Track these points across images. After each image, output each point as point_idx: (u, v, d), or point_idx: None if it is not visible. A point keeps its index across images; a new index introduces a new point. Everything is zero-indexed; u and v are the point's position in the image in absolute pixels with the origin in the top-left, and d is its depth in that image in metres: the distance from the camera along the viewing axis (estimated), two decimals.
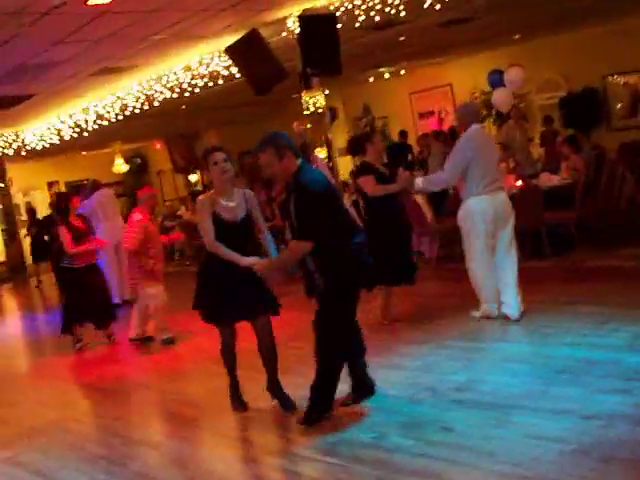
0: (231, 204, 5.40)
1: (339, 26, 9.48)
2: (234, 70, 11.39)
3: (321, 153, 11.12)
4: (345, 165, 11.30)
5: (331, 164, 11.02)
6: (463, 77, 17.30)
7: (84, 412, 6.92)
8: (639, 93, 14.92)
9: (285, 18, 10.21)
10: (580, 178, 9.88)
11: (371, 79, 17.86)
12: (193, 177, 21.47)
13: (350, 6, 9.59)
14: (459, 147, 6.94)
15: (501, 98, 10.04)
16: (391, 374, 5.97)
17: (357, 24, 9.83)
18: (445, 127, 17.59)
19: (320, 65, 9.71)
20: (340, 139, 15.33)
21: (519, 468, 4.02)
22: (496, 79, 10.26)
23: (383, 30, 11.65)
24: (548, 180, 10.00)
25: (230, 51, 10.23)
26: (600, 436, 4.25)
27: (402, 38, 13.21)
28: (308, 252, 4.94)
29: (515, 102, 16.32)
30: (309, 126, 11.09)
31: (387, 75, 17.49)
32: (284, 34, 10.31)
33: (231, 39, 10.26)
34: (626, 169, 10.15)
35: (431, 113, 18.28)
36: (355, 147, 7.73)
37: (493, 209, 6.86)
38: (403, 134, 16.71)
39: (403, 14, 9.51)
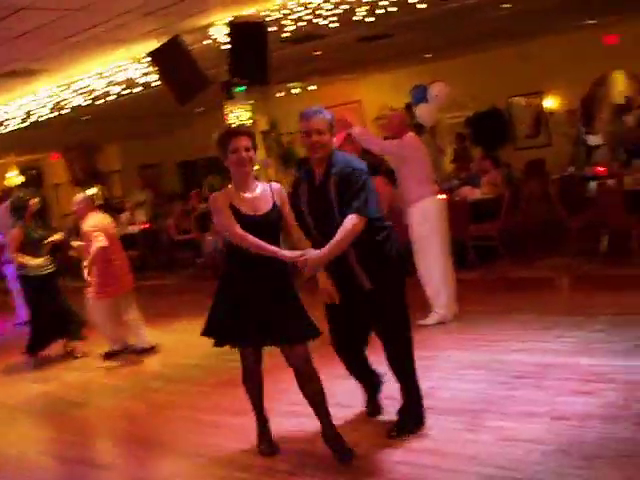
0: (250, 196, 4.47)
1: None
2: (152, 78, 11.12)
3: None
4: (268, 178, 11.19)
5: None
6: (373, 94, 17.47)
7: (21, 437, 6.22)
8: (541, 114, 15.44)
9: (209, 25, 10.03)
10: (500, 192, 10.12)
11: (280, 94, 17.79)
12: (92, 190, 20.79)
13: (279, 16, 9.49)
14: (397, 144, 6.99)
15: (425, 113, 10.16)
16: (346, 385, 5.85)
17: (286, 34, 9.71)
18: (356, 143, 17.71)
19: (248, 74, 9.56)
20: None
21: (505, 470, 3.99)
22: (419, 94, 10.38)
23: (302, 43, 11.62)
24: (471, 194, 10.18)
25: (153, 57, 9.95)
26: (576, 436, 4.28)
27: (318, 53, 13.24)
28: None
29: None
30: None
31: (296, 90, 17.45)
32: (208, 42, 10.14)
33: (152, 45, 9.98)
34: (536, 185, 10.53)
35: (339, 130, 18.31)
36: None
37: (445, 210, 6.99)
38: None
39: (334, 25, 9.43)
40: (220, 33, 9.97)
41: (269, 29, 9.60)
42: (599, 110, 14.79)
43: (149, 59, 10.13)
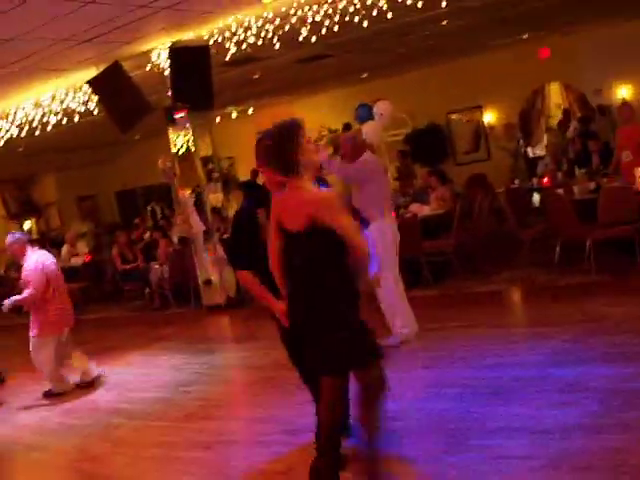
0: None
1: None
2: (91, 106, 10.89)
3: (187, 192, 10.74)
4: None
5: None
6: (310, 115, 17.40)
7: None
8: (480, 129, 15.63)
9: (150, 51, 9.87)
10: (449, 207, 10.14)
11: (218, 119, 17.65)
12: (27, 224, 20.27)
13: (220, 39, 9.37)
14: (359, 167, 6.91)
15: (371, 131, 10.12)
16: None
17: (225, 57, 9.59)
18: None
19: (191, 99, 9.42)
20: None
21: None
22: (365, 113, 10.35)
23: (241, 66, 11.51)
24: (419, 210, 10.17)
25: (93, 84, 9.73)
26: (563, 449, 4.21)
27: (257, 76, 13.16)
28: None
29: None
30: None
31: (234, 114, 17.34)
32: (149, 67, 9.97)
33: (91, 73, 9.77)
34: (484, 199, 10.60)
35: None
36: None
37: (397, 233, 6.95)
38: (254, 173, 16.56)
39: (276, 47, 9.37)
40: (161, 58, 9.84)
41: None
42: (537, 123, 15.09)
43: (88, 87, 9.92)
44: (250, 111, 17.26)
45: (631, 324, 6.32)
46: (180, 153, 10.46)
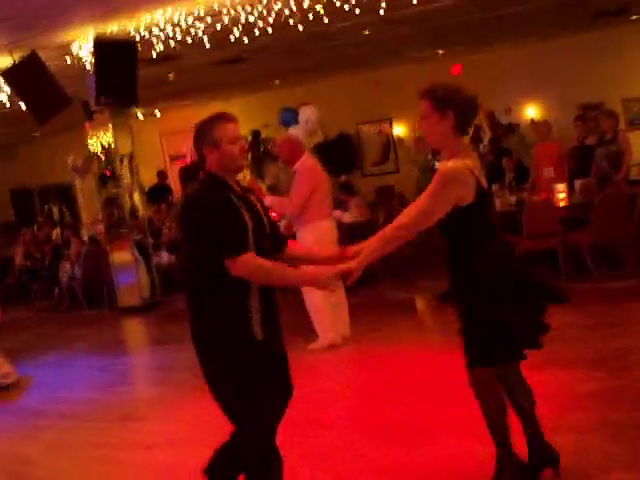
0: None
1: None
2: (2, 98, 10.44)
3: None
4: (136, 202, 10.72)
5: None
6: None
7: None
8: (389, 141, 15.88)
9: (71, 42, 9.55)
10: (370, 216, 10.24)
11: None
12: None
13: (147, 35, 9.17)
14: (303, 179, 6.88)
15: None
16: None
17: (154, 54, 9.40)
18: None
19: (115, 94, 9.17)
20: None
21: None
22: (289, 117, 10.35)
23: (157, 65, 11.29)
24: (342, 217, 10.21)
25: (7, 75, 9.32)
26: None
27: (171, 75, 12.94)
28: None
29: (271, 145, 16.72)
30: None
31: (140, 116, 16.96)
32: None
33: (6, 61, 9.36)
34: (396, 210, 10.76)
35: (183, 156, 17.99)
36: (190, 175, 7.37)
37: (336, 233, 6.96)
38: (161, 175, 16.29)
39: (208, 46, 9.24)
40: (82, 50, 9.54)
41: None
42: None
43: (3, 79, 9.51)
44: (157, 113, 16.94)
45: (560, 331, 6.52)
46: (99, 151, 10.16)
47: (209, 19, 8.76)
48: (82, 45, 9.46)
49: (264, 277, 3.41)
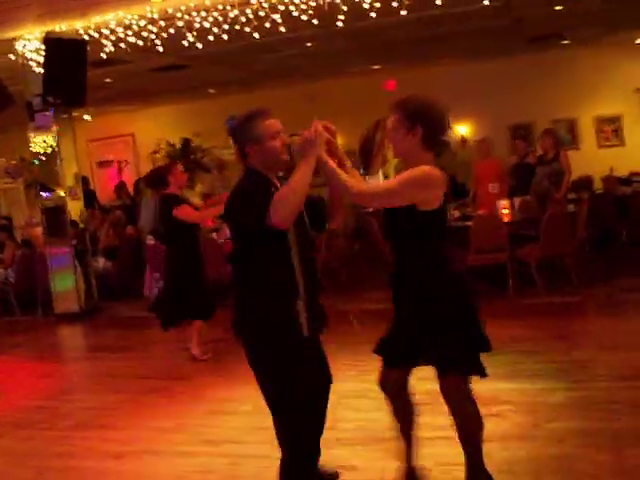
0: None
1: None
2: None
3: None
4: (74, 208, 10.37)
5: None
6: (147, 127, 17.05)
7: None
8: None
9: (14, 39, 9.25)
10: None
11: None
12: None
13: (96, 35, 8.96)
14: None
15: None
16: (228, 420, 5.57)
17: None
18: (125, 177, 17.17)
19: (63, 95, 8.91)
20: None
21: None
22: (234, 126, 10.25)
23: (96, 68, 11.03)
24: None
25: None
26: (508, 456, 4.36)
27: (108, 80, 12.68)
28: None
29: (199, 155, 16.57)
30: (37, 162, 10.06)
31: (89, 117, 16.54)
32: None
33: None
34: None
35: (110, 162, 17.67)
36: (156, 180, 7.23)
37: None
38: (85, 181, 15.89)
39: (160, 49, 9.10)
40: (27, 49, 9.26)
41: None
42: (377, 153, 15.58)
43: None
44: (88, 118, 16.53)
45: (519, 344, 6.70)
46: (42, 152, 9.83)
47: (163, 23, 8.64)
48: (27, 43, 9.17)
49: (295, 196, 3.37)
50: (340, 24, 8.73)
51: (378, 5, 8.49)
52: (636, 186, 11.44)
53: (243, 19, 8.55)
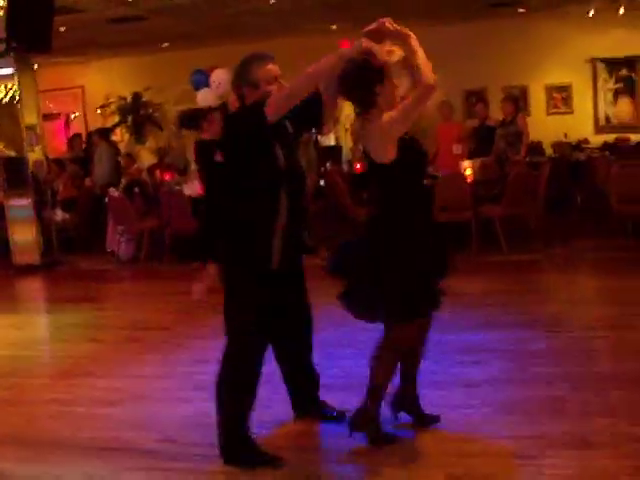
0: None
1: None
2: None
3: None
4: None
5: None
6: (97, 80, 16.71)
7: None
8: None
9: None
10: None
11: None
12: None
13: None
14: None
15: (205, 99, 9.97)
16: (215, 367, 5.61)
17: None
18: (73, 131, 16.82)
19: (28, 39, 8.70)
20: None
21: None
22: (201, 80, 10.18)
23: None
24: None
25: None
26: (497, 399, 4.56)
27: (63, 29, 12.37)
28: None
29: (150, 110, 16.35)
30: None
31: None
32: None
33: None
34: None
35: (57, 115, 17.25)
36: (191, 120, 7.07)
37: None
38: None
39: None
40: None
41: None
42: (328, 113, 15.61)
43: None
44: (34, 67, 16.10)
45: (491, 298, 6.94)
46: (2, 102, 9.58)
47: None
48: None
49: (299, 89, 3.57)
50: None
51: None
52: (589, 152, 11.78)
53: None
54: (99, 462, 4.14)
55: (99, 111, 16.30)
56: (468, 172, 9.16)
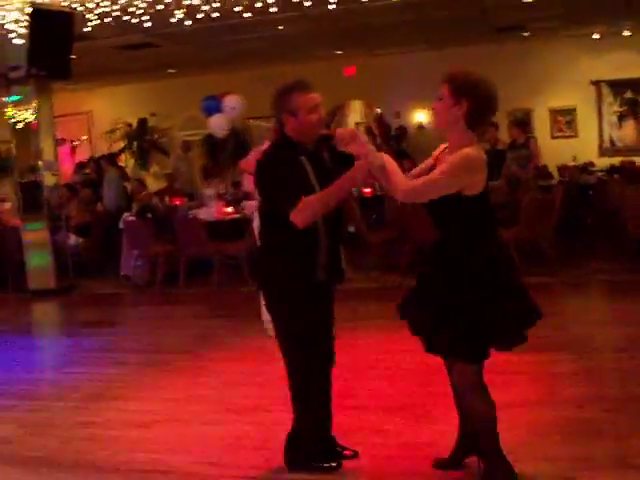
0: None
1: None
2: None
3: None
4: None
5: None
6: (105, 106, 16.85)
7: None
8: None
9: None
10: None
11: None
12: None
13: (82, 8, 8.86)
14: None
15: (218, 125, 10.07)
16: (245, 390, 5.66)
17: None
18: (78, 157, 16.94)
19: (48, 66, 8.80)
20: None
21: None
22: (212, 105, 10.28)
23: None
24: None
25: None
26: (529, 421, 4.59)
27: (73, 56, 12.48)
28: None
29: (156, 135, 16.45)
30: None
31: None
32: None
33: None
34: None
35: (63, 141, 17.34)
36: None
37: None
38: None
39: (148, 25, 9.06)
40: (7, 19, 9.11)
41: None
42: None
43: None
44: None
45: None
46: (17, 127, 9.65)
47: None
48: (5, 15, 9.00)
49: (314, 211, 3.65)
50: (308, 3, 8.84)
51: None
52: (600, 175, 11.89)
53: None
54: None
55: (106, 136, 16.40)
56: None
